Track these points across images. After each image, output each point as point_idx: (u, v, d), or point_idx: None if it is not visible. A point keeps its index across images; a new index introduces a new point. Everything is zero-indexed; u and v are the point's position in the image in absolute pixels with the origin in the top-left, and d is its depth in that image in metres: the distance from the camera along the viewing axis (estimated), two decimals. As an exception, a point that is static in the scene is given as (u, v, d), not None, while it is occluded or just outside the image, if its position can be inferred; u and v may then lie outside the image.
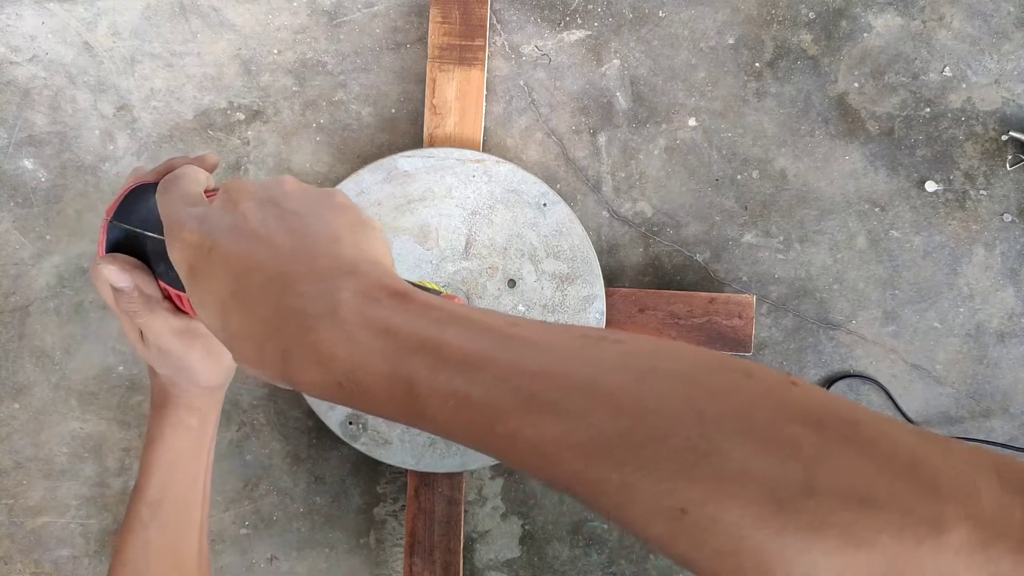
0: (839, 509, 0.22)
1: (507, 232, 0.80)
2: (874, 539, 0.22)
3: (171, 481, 0.50)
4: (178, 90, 0.86)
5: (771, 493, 0.23)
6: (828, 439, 0.23)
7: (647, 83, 0.85)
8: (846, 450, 0.23)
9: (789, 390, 0.25)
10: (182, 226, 0.33)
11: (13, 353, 0.85)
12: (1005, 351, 0.84)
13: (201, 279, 0.32)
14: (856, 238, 0.84)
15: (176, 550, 0.51)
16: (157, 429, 0.49)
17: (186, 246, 0.33)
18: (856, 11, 0.85)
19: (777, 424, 0.24)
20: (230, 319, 0.31)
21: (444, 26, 0.82)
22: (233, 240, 0.32)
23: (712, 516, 0.23)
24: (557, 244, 0.80)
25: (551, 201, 0.80)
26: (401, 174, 0.79)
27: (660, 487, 0.24)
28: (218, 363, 0.47)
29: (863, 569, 0.21)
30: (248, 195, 0.34)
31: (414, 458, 0.79)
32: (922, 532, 0.21)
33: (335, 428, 0.80)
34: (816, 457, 0.23)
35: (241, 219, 0.32)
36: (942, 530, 0.21)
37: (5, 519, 0.85)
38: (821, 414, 0.24)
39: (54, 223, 0.85)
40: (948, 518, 0.22)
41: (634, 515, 0.25)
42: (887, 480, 0.22)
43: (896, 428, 0.24)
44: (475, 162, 0.79)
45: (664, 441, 0.24)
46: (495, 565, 0.84)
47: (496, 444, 0.27)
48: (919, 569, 0.21)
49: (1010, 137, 0.83)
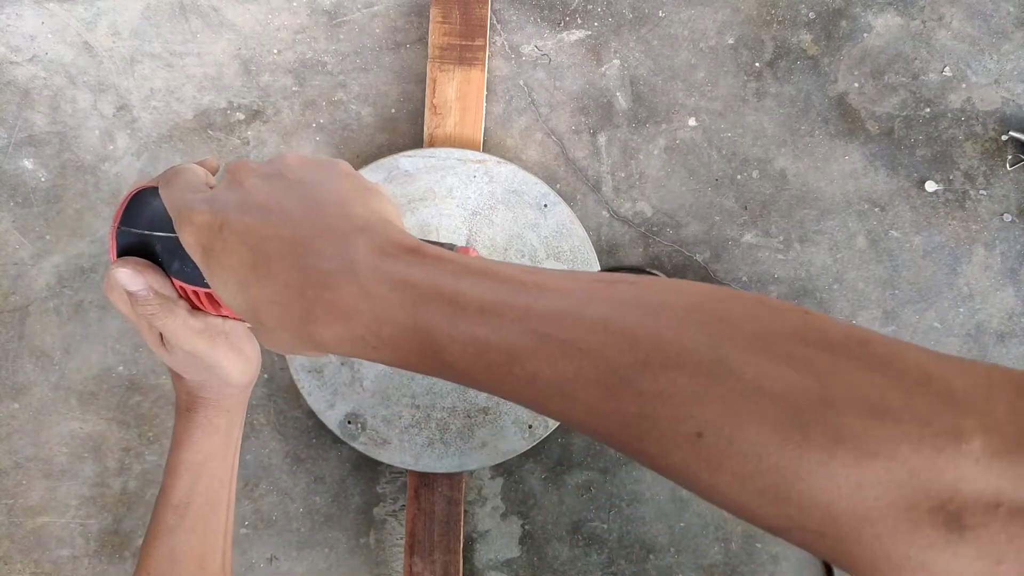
0: (855, 420, 0.22)
1: (508, 233, 0.80)
2: (893, 450, 0.21)
3: (199, 484, 0.49)
4: (178, 90, 0.86)
5: (787, 408, 0.22)
6: (841, 356, 0.23)
7: (647, 83, 0.85)
8: (859, 365, 0.23)
9: (802, 316, 0.25)
10: (191, 209, 0.33)
11: (13, 353, 0.85)
12: (1005, 351, 0.83)
13: (216, 257, 0.32)
14: (856, 238, 0.84)
15: (202, 556, 0.49)
16: (185, 432, 0.48)
17: (197, 228, 0.33)
18: (856, 11, 0.85)
19: (790, 344, 0.24)
20: (251, 290, 0.31)
21: (444, 26, 0.82)
22: (243, 213, 0.32)
23: (729, 437, 0.23)
24: (558, 245, 0.80)
25: (552, 202, 0.80)
26: (402, 174, 0.79)
27: (676, 412, 0.24)
28: (244, 358, 0.46)
29: (883, 479, 0.21)
30: (252, 171, 0.34)
31: (413, 458, 0.79)
32: (941, 442, 0.21)
33: (334, 428, 0.80)
34: (830, 371, 0.23)
35: (248, 194, 0.33)
36: (961, 440, 0.21)
37: (5, 519, 0.85)
38: (833, 335, 0.24)
39: (54, 223, 0.85)
40: (966, 428, 0.21)
41: (652, 445, 0.25)
42: (902, 393, 0.22)
43: (909, 347, 0.24)
44: (476, 162, 0.79)
45: (679, 368, 0.24)
46: (495, 565, 0.84)
47: (516, 386, 0.27)
48: (939, 478, 0.21)
49: (1010, 137, 0.83)
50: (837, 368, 0.23)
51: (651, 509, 0.84)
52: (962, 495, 0.21)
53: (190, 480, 0.49)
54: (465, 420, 0.79)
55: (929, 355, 0.24)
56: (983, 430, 0.21)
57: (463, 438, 0.79)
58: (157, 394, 0.85)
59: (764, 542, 0.83)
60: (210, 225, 0.32)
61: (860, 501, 0.22)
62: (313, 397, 0.80)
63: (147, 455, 0.85)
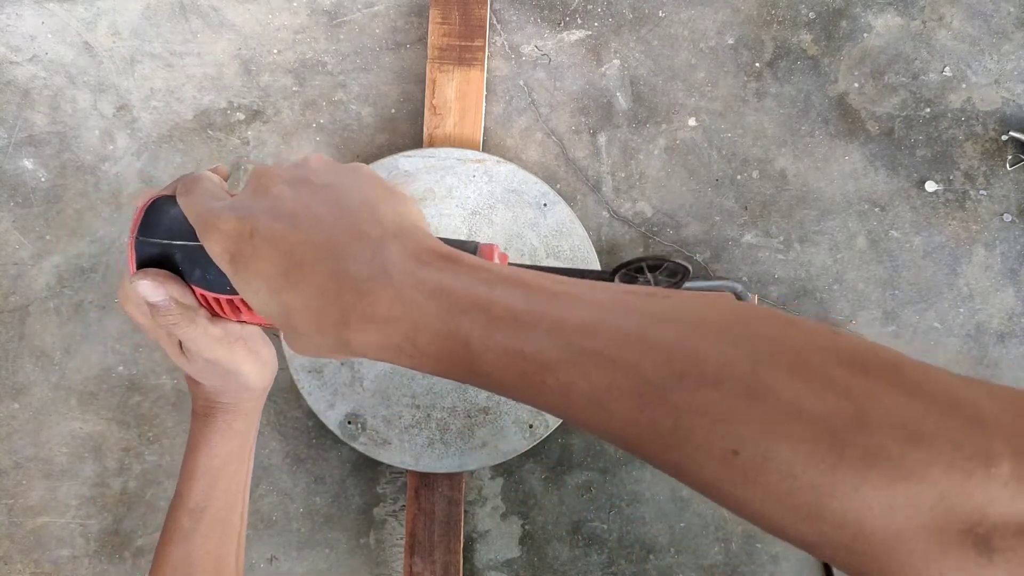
0: (890, 443, 0.22)
1: (507, 232, 0.80)
2: (924, 472, 0.22)
3: (216, 488, 0.49)
4: (178, 90, 0.86)
5: (824, 429, 0.23)
6: (875, 379, 0.24)
7: (647, 83, 0.85)
8: (893, 389, 0.23)
9: (834, 337, 0.25)
10: (216, 216, 0.33)
11: (13, 353, 0.85)
12: (1005, 351, 0.83)
13: (246, 263, 0.32)
14: (856, 238, 0.84)
15: (218, 559, 0.49)
16: (202, 436, 0.48)
17: (224, 235, 0.33)
18: (856, 11, 0.85)
19: (827, 366, 0.24)
20: (283, 295, 0.31)
21: (444, 27, 0.82)
22: (273, 219, 0.32)
23: (765, 454, 0.23)
24: (557, 244, 0.80)
25: (551, 201, 0.80)
26: (402, 174, 0.79)
27: (713, 429, 0.24)
28: (262, 362, 0.47)
29: (914, 501, 0.22)
30: (278, 178, 0.34)
31: (413, 458, 0.79)
32: (971, 465, 0.22)
33: (334, 428, 0.80)
34: (866, 395, 0.23)
35: (277, 200, 0.33)
36: (990, 463, 0.22)
37: (5, 519, 0.85)
38: (866, 357, 0.24)
39: (54, 223, 0.85)
40: (995, 452, 0.22)
41: (685, 459, 0.25)
42: (935, 417, 0.23)
43: (938, 371, 0.24)
44: (476, 162, 0.79)
45: (718, 385, 0.24)
46: (495, 565, 0.84)
47: (549, 396, 0.28)
48: (969, 501, 0.22)
49: (1010, 137, 0.83)
50: (872, 391, 0.23)
51: (651, 509, 0.84)
52: (991, 518, 0.22)
53: (207, 484, 0.49)
54: (465, 420, 0.79)
55: (957, 379, 0.24)
56: (1012, 454, 0.22)
57: (463, 438, 0.79)
58: (157, 394, 0.85)
59: (764, 542, 0.83)
60: (239, 232, 0.32)
61: (892, 521, 0.22)
62: (313, 397, 0.80)
63: (147, 455, 0.85)
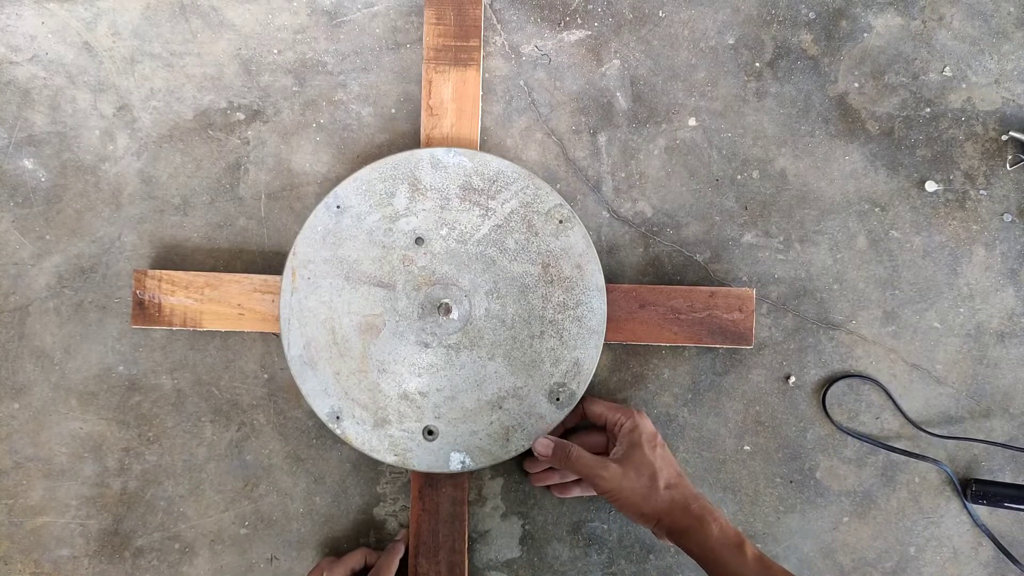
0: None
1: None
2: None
3: None
4: (178, 90, 0.86)
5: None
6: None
7: (647, 83, 0.85)
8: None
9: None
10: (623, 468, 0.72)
11: (13, 353, 0.85)
12: (1005, 351, 0.84)
13: (629, 476, 0.70)
14: (856, 238, 0.84)
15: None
16: None
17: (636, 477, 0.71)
18: (856, 11, 0.85)
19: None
20: (628, 484, 0.70)
21: (439, 27, 0.82)
22: (651, 463, 0.71)
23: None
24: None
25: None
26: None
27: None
28: None
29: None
30: (655, 440, 0.73)
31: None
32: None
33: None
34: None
35: (654, 453, 0.72)
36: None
37: (5, 519, 0.85)
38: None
39: (54, 223, 0.85)
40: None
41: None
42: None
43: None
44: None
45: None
46: (495, 565, 0.84)
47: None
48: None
49: (1010, 137, 0.83)
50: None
51: (651, 509, 0.84)
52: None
53: None
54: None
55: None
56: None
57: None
58: (157, 394, 0.85)
59: (764, 542, 0.83)
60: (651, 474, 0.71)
61: None
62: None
63: (147, 455, 0.85)
